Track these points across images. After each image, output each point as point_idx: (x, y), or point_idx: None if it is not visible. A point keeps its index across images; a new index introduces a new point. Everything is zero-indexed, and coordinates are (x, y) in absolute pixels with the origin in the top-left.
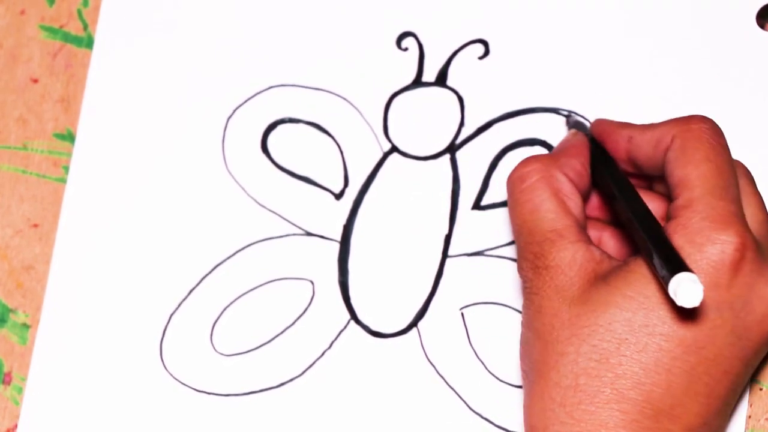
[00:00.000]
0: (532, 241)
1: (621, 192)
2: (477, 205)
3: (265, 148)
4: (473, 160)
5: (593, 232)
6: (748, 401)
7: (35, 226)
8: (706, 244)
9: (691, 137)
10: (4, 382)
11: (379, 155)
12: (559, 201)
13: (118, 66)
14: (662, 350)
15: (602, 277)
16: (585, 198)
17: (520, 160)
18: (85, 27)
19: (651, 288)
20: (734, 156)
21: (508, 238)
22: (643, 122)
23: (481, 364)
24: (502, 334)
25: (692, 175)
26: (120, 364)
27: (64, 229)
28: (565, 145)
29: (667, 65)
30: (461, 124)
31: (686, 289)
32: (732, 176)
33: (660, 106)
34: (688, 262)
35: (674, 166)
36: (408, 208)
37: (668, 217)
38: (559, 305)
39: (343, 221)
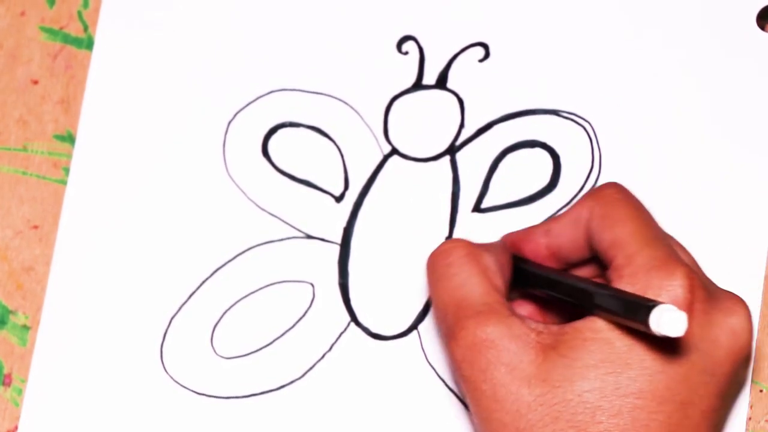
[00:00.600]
0: (464, 316)
1: (556, 274)
2: (477, 208)
3: (265, 151)
4: (473, 162)
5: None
6: (749, 403)
7: (35, 227)
8: (659, 293)
9: (607, 202)
10: (4, 384)
11: (380, 158)
12: (486, 278)
13: (118, 68)
14: (637, 408)
15: (552, 349)
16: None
17: (519, 162)
18: (86, 28)
19: (613, 351)
20: (734, 155)
21: None
22: (644, 122)
23: None
24: None
25: (622, 234)
26: (120, 366)
27: (65, 230)
28: (486, 244)
29: (667, 66)
30: (461, 126)
31: (669, 319)
32: (657, 226)
33: (660, 107)
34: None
35: (601, 232)
36: (408, 210)
37: (608, 281)
38: (518, 389)
39: (344, 224)
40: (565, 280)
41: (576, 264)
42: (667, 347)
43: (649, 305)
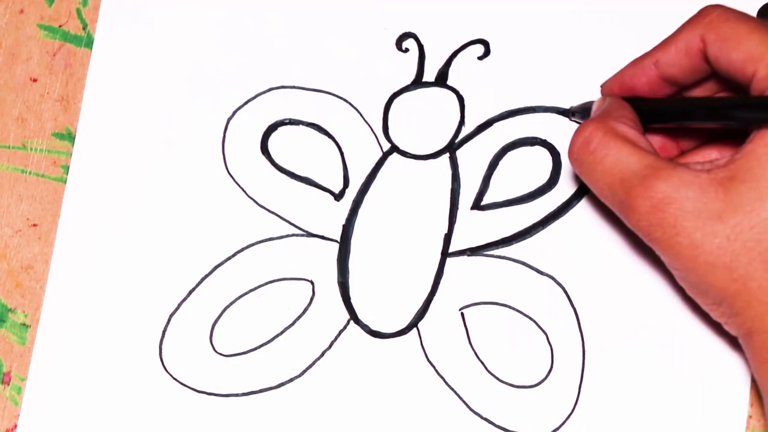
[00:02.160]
0: (632, 186)
1: (689, 103)
2: (477, 205)
3: (265, 149)
4: (473, 159)
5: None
6: (749, 402)
7: (34, 225)
8: None
9: (719, 24)
10: (3, 382)
11: (379, 155)
12: (632, 144)
13: (117, 66)
14: None
15: (729, 180)
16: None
17: (519, 159)
18: (85, 26)
19: None
20: None
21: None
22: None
23: (480, 364)
24: (502, 335)
25: (753, 47)
26: (119, 364)
27: (64, 228)
28: (602, 107)
29: None
30: (461, 123)
31: None
32: None
33: None
34: None
35: (727, 53)
36: (408, 207)
37: (755, 94)
38: (712, 227)
39: (343, 221)
40: (709, 102)
41: (691, 85)
42: None
43: None
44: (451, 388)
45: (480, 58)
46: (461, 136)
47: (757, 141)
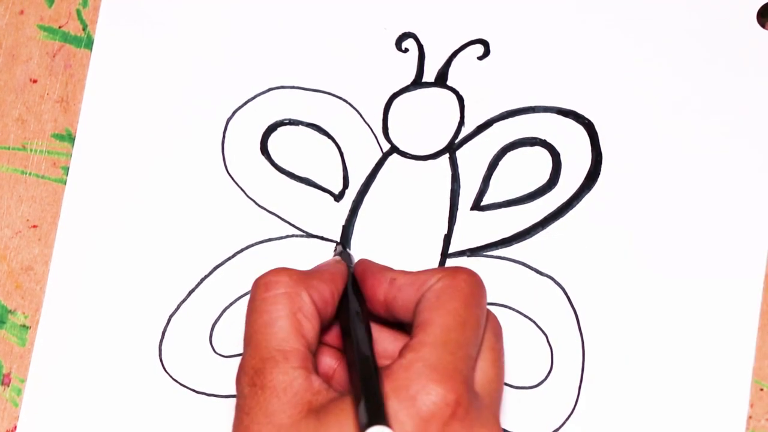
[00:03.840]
0: (256, 356)
1: (355, 331)
2: (476, 206)
3: (264, 149)
4: (473, 159)
5: (327, 360)
6: (749, 401)
7: (34, 227)
8: (421, 392)
9: (451, 285)
10: (3, 384)
11: (379, 156)
12: (295, 321)
13: (117, 67)
14: None
15: (317, 411)
16: (325, 325)
17: (519, 160)
18: (85, 27)
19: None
20: (735, 153)
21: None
22: (643, 119)
23: None
24: (503, 335)
25: (436, 321)
26: (119, 365)
27: (64, 229)
28: (322, 267)
29: (668, 63)
30: (461, 123)
31: None
32: (475, 335)
33: (661, 105)
34: (397, 408)
35: (425, 307)
36: (407, 208)
37: (399, 354)
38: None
39: (343, 222)
40: (357, 337)
41: (402, 322)
42: None
43: (367, 422)
44: None
45: (480, 58)
46: (461, 136)
47: (343, 404)
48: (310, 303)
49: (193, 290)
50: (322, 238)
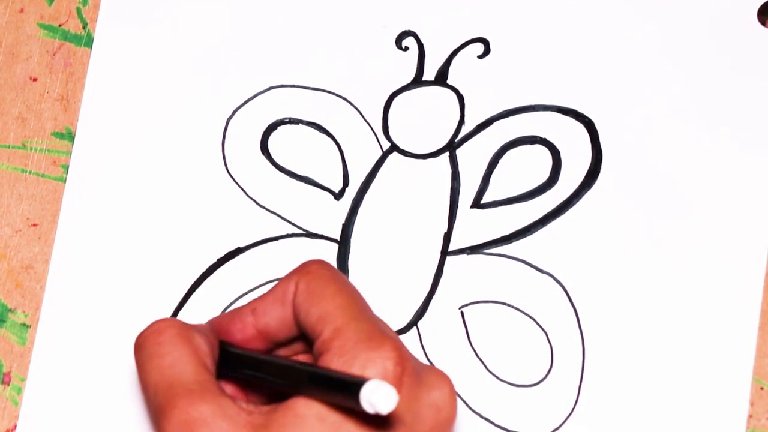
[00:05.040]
0: (175, 395)
1: (261, 354)
2: (476, 203)
3: (265, 148)
4: (473, 157)
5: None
6: (749, 401)
7: (34, 225)
8: (367, 365)
9: (314, 278)
10: (3, 383)
11: (379, 154)
12: (198, 357)
13: (117, 65)
14: None
15: (263, 428)
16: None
17: (519, 158)
18: (85, 25)
19: (324, 427)
20: (735, 152)
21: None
22: (644, 118)
23: (480, 363)
24: (502, 333)
25: (330, 307)
26: (119, 364)
27: (64, 228)
28: (196, 325)
29: (668, 62)
30: (461, 122)
31: (380, 396)
32: (364, 301)
33: (661, 104)
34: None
35: (308, 306)
36: (407, 206)
37: (316, 355)
38: None
39: (343, 221)
40: (273, 360)
41: (285, 343)
42: (377, 421)
43: (358, 382)
44: None
45: (480, 56)
46: (461, 134)
47: (301, 401)
48: (204, 343)
49: (193, 289)
50: (322, 236)
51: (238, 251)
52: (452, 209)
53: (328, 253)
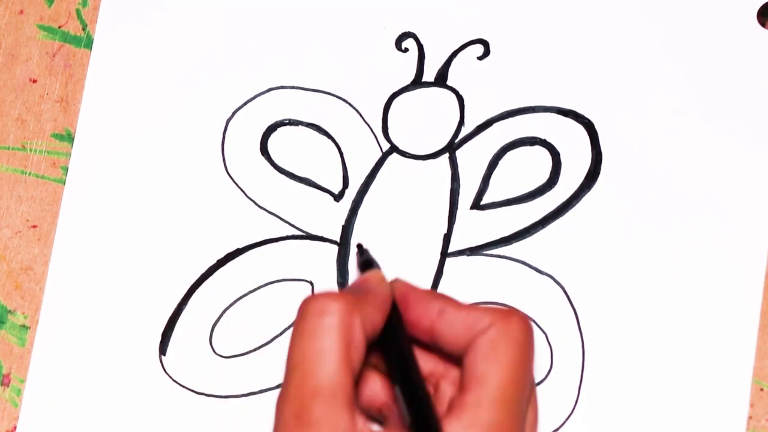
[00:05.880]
0: (304, 386)
1: (406, 377)
2: (476, 205)
3: (264, 150)
4: (473, 159)
5: (369, 390)
6: (749, 402)
7: (34, 227)
8: None
9: (507, 334)
10: (2, 384)
11: (379, 155)
12: (346, 354)
13: (117, 66)
14: None
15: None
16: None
17: (519, 159)
18: (84, 27)
19: None
20: (735, 153)
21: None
22: (643, 118)
23: None
24: None
25: (493, 376)
26: (119, 365)
27: (63, 230)
28: (370, 289)
29: (668, 63)
30: (461, 123)
31: None
32: (527, 386)
33: (661, 104)
34: None
35: (480, 357)
36: (407, 208)
37: (450, 404)
38: None
39: (343, 222)
40: (410, 385)
41: (446, 353)
42: None
43: None
44: None
45: (480, 58)
46: (461, 136)
47: None
48: (361, 334)
49: (193, 291)
50: (322, 238)
51: (238, 252)
52: (452, 210)
53: (328, 254)
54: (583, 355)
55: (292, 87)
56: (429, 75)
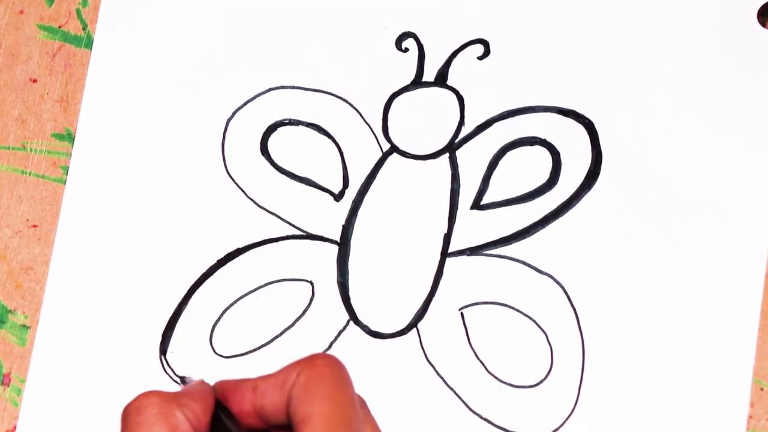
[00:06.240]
0: None
1: None
2: (476, 205)
3: (264, 149)
4: (473, 159)
5: None
6: (749, 401)
7: (34, 226)
8: None
9: (315, 374)
10: (3, 384)
11: (379, 155)
12: None
13: (117, 66)
14: None
15: None
16: None
17: (519, 159)
18: (84, 27)
19: None
20: (735, 153)
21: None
22: (644, 119)
23: (480, 364)
24: (502, 335)
25: (315, 412)
26: (119, 365)
27: (64, 229)
28: (188, 389)
29: (668, 63)
30: (461, 123)
31: None
32: (354, 411)
33: (661, 104)
34: None
35: (298, 403)
36: (407, 208)
37: None
38: None
39: (343, 222)
40: None
41: (281, 427)
42: None
43: None
44: (451, 389)
45: (480, 57)
46: (461, 135)
47: None
48: (185, 421)
49: (193, 291)
50: (322, 238)
51: (238, 252)
52: (452, 210)
53: (328, 254)
54: (583, 355)
55: (293, 87)
56: (429, 75)
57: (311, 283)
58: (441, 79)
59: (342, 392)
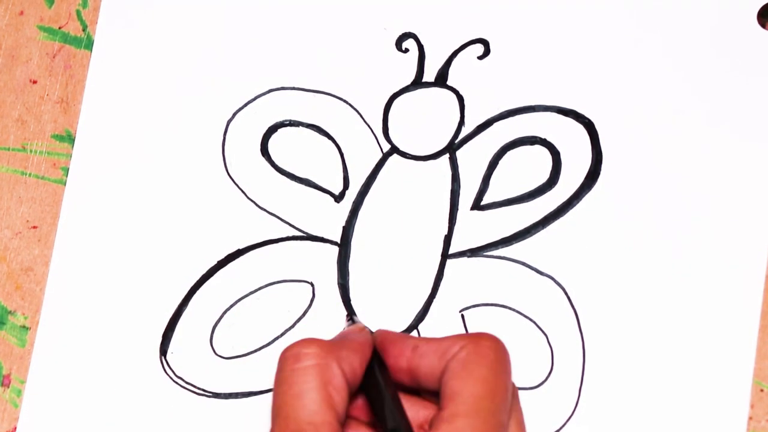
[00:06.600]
0: (287, 428)
1: (388, 403)
2: (477, 205)
3: (265, 150)
4: (473, 159)
5: None
6: (749, 402)
7: (34, 227)
8: None
9: (476, 352)
10: (3, 385)
11: (379, 156)
12: (325, 394)
13: (117, 67)
14: None
15: None
16: (352, 395)
17: (519, 159)
18: (84, 28)
19: None
20: (735, 153)
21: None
22: (644, 118)
23: None
24: (503, 336)
25: (466, 390)
26: (119, 366)
27: (63, 230)
28: (349, 336)
29: (668, 63)
30: (461, 123)
31: None
32: (504, 400)
33: (661, 105)
34: None
35: (452, 376)
36: (408, 209)
37: (430, 425)
38: None
39: (343, 223)
40: (391, 415)
41: (428, 391)
42: None
43: None
44: None
45: (480, 57)
46: (461, 136)
47: None
48: (340, 375)
49: (193, 291)
50: (322, 239)
51: (239, 253)
52: (452, 211)
53: (329, 255)
54: (584, 355)
55: (293, 88)
56: (429, 75)
57: (312, 284)
58: (441, 80)
59: (498, 378)
